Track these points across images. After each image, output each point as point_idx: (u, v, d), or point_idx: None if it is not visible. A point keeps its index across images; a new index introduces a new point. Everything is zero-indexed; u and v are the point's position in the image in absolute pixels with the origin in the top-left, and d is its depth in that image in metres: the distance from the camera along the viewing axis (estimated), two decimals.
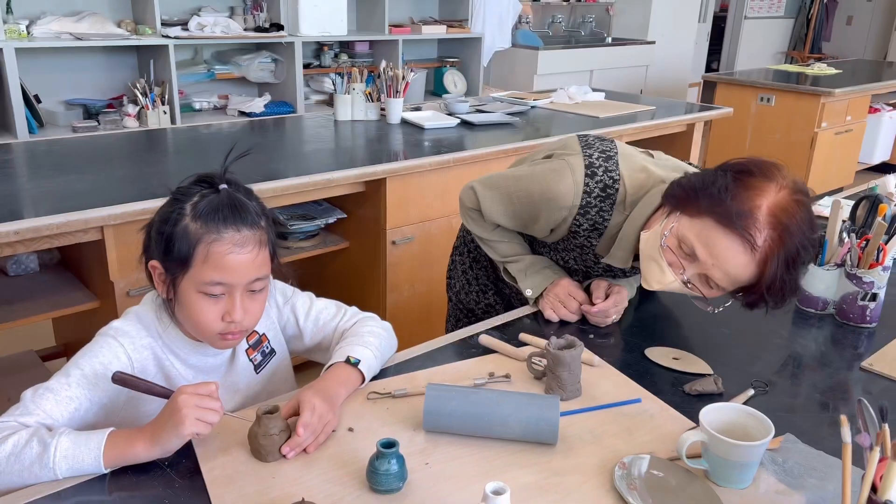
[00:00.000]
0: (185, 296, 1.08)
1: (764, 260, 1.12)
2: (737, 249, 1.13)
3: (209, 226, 1.04)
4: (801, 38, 8.80)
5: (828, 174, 5.04)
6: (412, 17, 5.22)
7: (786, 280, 1.14)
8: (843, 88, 4.75)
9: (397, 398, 1.17)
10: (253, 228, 1.08)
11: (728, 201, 1.12)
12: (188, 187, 1.09)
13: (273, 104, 4.31)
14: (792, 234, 1.12)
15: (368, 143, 2.79)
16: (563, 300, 1.44)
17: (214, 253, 1.04)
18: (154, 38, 3.78)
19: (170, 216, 1.06)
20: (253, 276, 1.08)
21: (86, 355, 1.08)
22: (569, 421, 1.11)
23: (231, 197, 1.08)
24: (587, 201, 1.35)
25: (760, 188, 1.13)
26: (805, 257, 1.15)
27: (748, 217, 1.11)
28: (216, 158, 1.16)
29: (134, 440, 0.98)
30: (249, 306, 1.11)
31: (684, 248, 1.19)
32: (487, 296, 1.71)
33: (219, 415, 0.99)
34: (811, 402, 1.20)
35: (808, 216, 1.15)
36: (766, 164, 1.17)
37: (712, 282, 1.19)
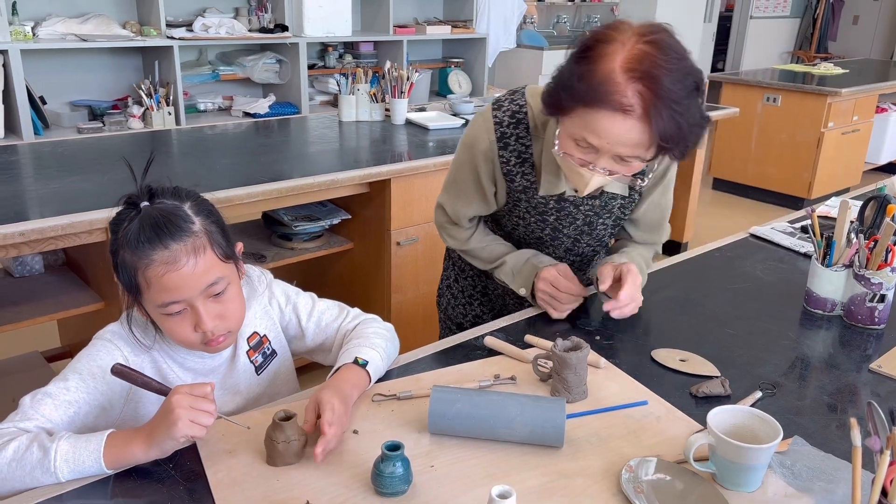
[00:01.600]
0: (155, 317, 1.08)
1: (646, 112, 1.09)
2: (616, 119, 1.11)
3: (137, 252, 1.02)
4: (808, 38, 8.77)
5: (835, 174, 5.02)
6: (416, 17, 5.22)
7: (681, 116, 1.11)
8: (850, 88, 4.73)
9: (402, 400, 1.16)
10: (181, 239, 1.03)
11: (581, 83, 1.11)
12: (119, 213, 1.07)
13: (277, 105, 4.32)
14: (656, 76, 1.08)
15: (373, 144, 2.79)
16: (552, 295, 1.42)
17: (151, 277, 1.02)
18: (159, 39, 3.78)
19: (111, 248, 1.05)
20: (203, 284, 1.05)
21: (83, 359, 1.08)
22: (575, 423, 1.10)
23: (152, 214, 1.04)
24: (501, 132, 1.38)
25: (605, 54, 1.11)
26: (685, 87, 1.12)
27: (606, 85, 1.09)
28: (220, 160, 1.15)
29: (131, 441, 0.97)
30: (219, 310, 1.08)
31: (581, 143, 1.18)
32: (474, 307, 1.67)
33: (212, 417, 0.98)
34: (819, 405, 1.19)
35: (667, 51, 1.11)
36: (604, 31, 1.15)
37: (624, 159, 1.18)
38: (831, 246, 1.47)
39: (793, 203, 4.98)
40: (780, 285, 1.64)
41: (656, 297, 1.56)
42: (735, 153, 5.22)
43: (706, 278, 1.68)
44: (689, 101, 1.12)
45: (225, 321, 1.09)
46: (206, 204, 1.11)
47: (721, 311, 1.50)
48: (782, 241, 1.89)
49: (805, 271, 1.57)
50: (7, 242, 1.70)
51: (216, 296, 1.08)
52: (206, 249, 1.06)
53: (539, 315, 1.47)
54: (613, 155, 1.17)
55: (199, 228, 1.06)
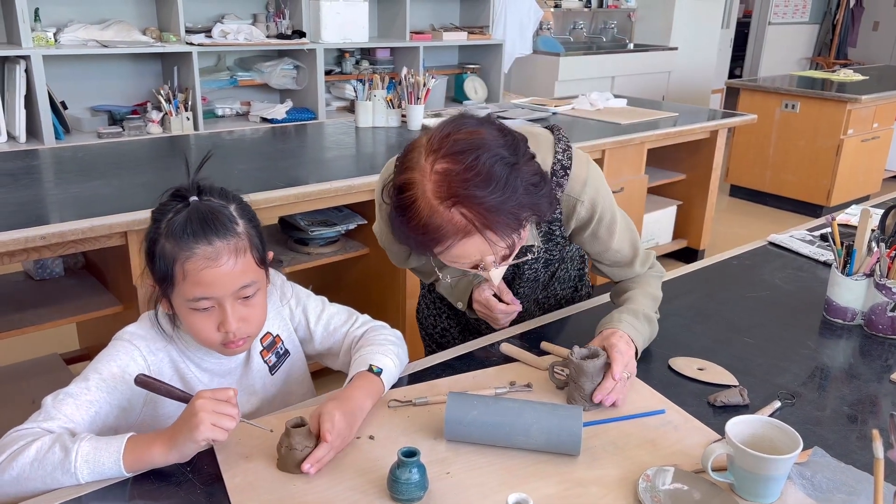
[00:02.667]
0: (180, 311, 1.09)
1: (482, 225, 1.01)
2: (465, 242, 1.03)
3: (181, 243, 1.03)
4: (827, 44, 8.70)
5: (854, 182, 4.97)
6: (433, 23, 5.24)
7: (514, 201, 1.02)
8: (870, 95, 4.68)
9: (418, 406, 1.16)
10: (226, 238, 1.05)
11: (417, 235, 1.04)
12: (164, 204, 1.08)
13: (295, 110, 4.34)
14: (467, 194, 0.99)
15: (389, 150, 2.80)
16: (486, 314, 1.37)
17: (190, 270, 1.03)
18: (178, 45, 3.82)
19: (149, 236, 1.06)
20: (237, 285, 1.07)
21: (103, 360, 1.09)
22: (592, 431, 1.10)
23: (200, 209, 1.05)
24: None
25: (414, 194, 1.02)
26: (499, 176, 1.00)
27: (435, 224, 1.01)
28: (237, 165, 1.16)
29: (151, 444, 0.98)
30: (245, 313, 1.10)
31: (461, 262, 1.10)
32: (442, 319, 1.64)
33: (234, 421, 0.99)
34: (839, 415, 1.17)
35: (463, 156, 1.00)
36: (401, 167, 1.06)
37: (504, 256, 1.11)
38: (852, 254, 1.45)
39: (811, 211, 4.93)
40: (799, 294, 1.63)
41: (674, 306, 1.55)
42: (753, 160, 5.18)
43: (724, 286, 1.67)
44: (510, 184, 1.02)
45: (248, 325, 1.10)
46: (249, 208, 1.13)
47: (739, 320, 1.49)
48: (801, 250, 1.87)
49: (824, 280, 1.56)
50: (28, 246, 1.72)
51: (245, 298, 1.09)
52: (245, 252, 1.08)
53: (556, 322, 1.47)
54: (490, 261, 1.10)
55: (242, 230, 1.08)
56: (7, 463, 0.95)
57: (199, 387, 1.16)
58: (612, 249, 1.35)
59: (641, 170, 3.39)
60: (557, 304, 1.58)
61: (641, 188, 3.45)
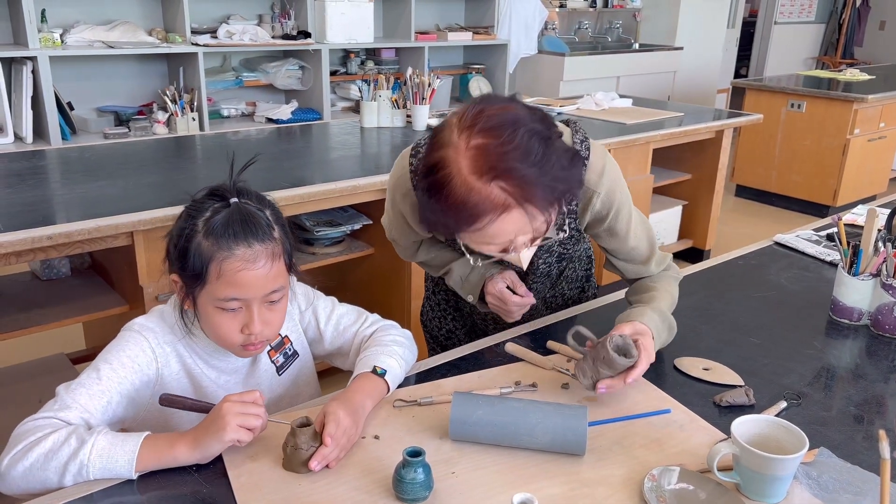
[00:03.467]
0: (204, 309, 1.09)
1: (521, 199, 1.00)
2: (503, 220, 1.01)
3: (220, 243, 1.04)
4: (833, 44, 8.67)
5: (861, 181, 4.95)
6: (438, 23, 5.24)
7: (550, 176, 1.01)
8: (877, 94, 4.67)
9: (423, 406, 1.16)
10: (264, 242, 1.07)
11: (449, 216, 1.02)
12: (201, 201, 1.09)
13: (300, 111, 4.35)
14: (506, 166, 0.98)
15: (394, 150, 2.80)
16: (500, 306, 1.35)
17: (227, 270, 1.04)
18: (184, 45, 3.83)
19: (184, 232, 1.07)
20: (268, 289, 1.08)
21: (112, 350, 1.10)
22: (597, 431, 1.10)
23: (242, 211, 1.07)
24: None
25: (448, 170, 1.00)
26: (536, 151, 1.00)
27: (471, 200, 0.99)
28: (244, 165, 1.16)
29: (175, 443, 0.99)
30: (269, 317, 1.11)
31: (491, 245, 1.09)
32: (447, 321, 1.63)
33: (261, 420, 1.00)
34: (846, 416, 1.17)
35: (499, 130, 0.99)
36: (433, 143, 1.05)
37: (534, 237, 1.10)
38: (858, 254, 1.45)
39: (817, 211, 4.92)
40: (805, 294, 1.62)
41: (679, 306, 1.54)
42: (758, 160, 5.17)
43: (730, 286, 1.66)
44: (547, 157, 1.01)
45: (269, 328, 1.12)
46: (281, 215, 1.14)
47: (745, 320, 1.49)
48: (807, 250, 1.87)
49: (831, 280, 1.55)
50: (35, 246, 1.72)
51: (271, 303, 1.11)
52: (280, 257, 1.09)
53: (561, 322, 1.47)
54: (522, 242, 1.09)
55: (277, 236, 1.10)
56: (23, 453, 0.96)
57: (206, 383, 1.17)
58: (629, 246, 1.34)
59: (647, 170, 3.38)
60: (564, 304, 1.58)
61: (647, 188, 3.44)
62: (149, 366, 1.11)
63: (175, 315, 1.15)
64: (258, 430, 1.00)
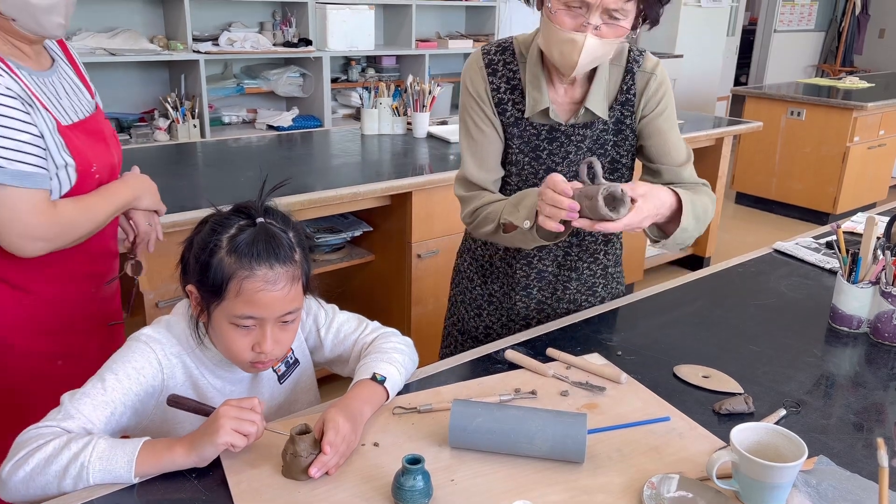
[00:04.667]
0: (218, 323, 1.10)
1: None
2: None
3: (242, 262, 1.05)
4: (832, 52, 8.69)
5: (860, 189, 4.96)
6: (439, 31, 5.26)
7: None
8: (876, 102, 4.68)
9: (423, 413, 1.16)
10: (286, 264, 1.08)
11: None
12: (227, 217, 1.10)
13: (301, 118, 4.36)
14: None
15: (395, 157, 2.81)
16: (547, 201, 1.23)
17: (246, 289, 1.05)
18: (185, 53, 3.84)
19: (207, 245, 1.07)
20: (284, 310, 1.09)
21: (118, 360, 1.10)
22: (596, 438, 1.10)
23: (267, 232, 1.08)
24: (489, 59, 1.44)
25: None
26: None
27: None
28: (244, 172, 1.17)
29: (173, 446, 1.00)
30: (280, 336, 1.12)
31: (573, 4, 1.23)
32: (483, 317, 1.63)
33: (256, 426, 1.01)
34: (845, 423, 1.17)
35: None
36: None
37: (617, 13, 1.24)
38: (857, 262, 1.45)
39: (817, 218, 4.92)
40: (804, 301, 1.62)
41: (679, 313, 1.55)
42: (758, 167, 5.18)
43: (729, 294, 1.67)
44: None
45: (280, 347, 1.12)
46: (303, 236, 1.15)
47: (745, 328, 1.49)
48: (807, 257, 1.87)
49: (830, 288, 1.56)
50: None
51: (284, 323, 1.11)
52: (298, 280, 1.11)
53: (560, 329, 1.47)
54: (602, 9, 1.22)
55: (298, 259, 1.11)
56: (24, 459, 0.96)
57: (211, 392, 1.17)
58: (671, 143, 1.43)
59: None
60: (566, 312, 1.58)
61: None
62: (154, 377, 1.11)
63: (188, 326, 1.15)
64: (253, 436, 1.01)
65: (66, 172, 1.31)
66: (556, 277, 1.55)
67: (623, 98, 1.42)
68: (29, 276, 1.35)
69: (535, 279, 1.55)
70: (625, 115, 1.43)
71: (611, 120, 1.43)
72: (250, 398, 1.03)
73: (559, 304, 1.58)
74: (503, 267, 1.58)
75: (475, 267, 1.63)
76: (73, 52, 1.50)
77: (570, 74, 1.31)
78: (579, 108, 1.40)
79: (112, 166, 1.45)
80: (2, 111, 1.21)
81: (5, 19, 1.26)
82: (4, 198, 1.23)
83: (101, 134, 1.42)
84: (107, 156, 1.42)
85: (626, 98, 1.42)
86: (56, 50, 1.45)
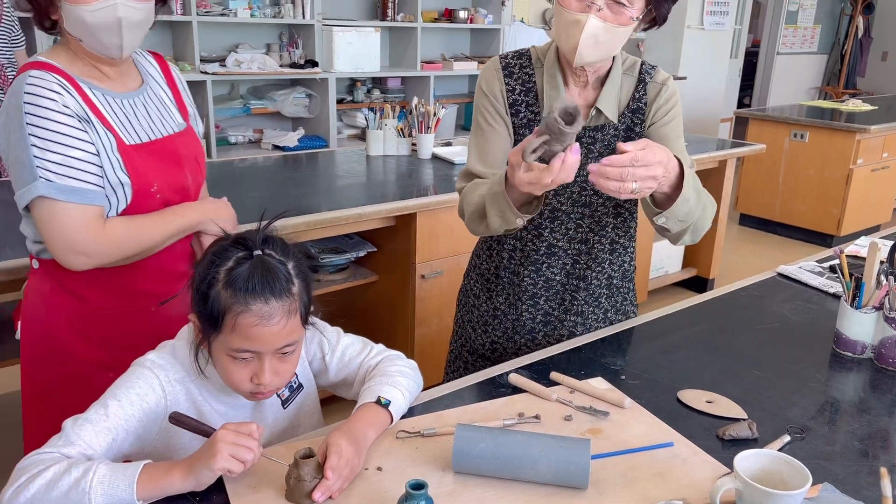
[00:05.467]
0: (217, 354, 1.11)
1: None
2: None
3: (237, 296, 1.05)
4: (835, 74, 8.74)
5: (864, 212, 4.96)
6: (444, 53, 5.30)
7: None
8: (879, 125, 4.70)
9: (426, 437, 1.16)
10: (282, 298, 1.07)
11: None
12: (225, 249, 1.09)
13: (306, 138, 4.39)
14: None
15: (399, 178, 2.82)
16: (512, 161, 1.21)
17: (241, 324, 1.05)
18: (193, 74, 3.89)
19: (206, 277, 1.07)
20: (281, 343, 1.09)
21: (122, 386, 1.11)
22: (600, 464, 1.10)
23: (264, 265, 1.07)
24: (506, 62, 1.49)
25: None
26: None
27: None
28: (250, 193, 1.18)
29: (171, 470, 1.00)
30: (280, 367, 1.12)
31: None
32: (490, 332, 1.63)
33: (253, 453, 1.00)
34: (850, 450, 1.17)
35: None
36: None
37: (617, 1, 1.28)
38: (860, 287, 1.45)
39: (822, 240, 4.92)
40: (808, 326, 1.62)
41: (682, 336, 1.55)
42: (762, 189, 5.19)
43: (733, 318, 1.67)
44: None
45: (279, 378, 1.12)
46: (305, 266, 1.14)
47: (748, 352, 1.49)
48: (810, 281, 1.87)
49: (834, 312, 1.56)
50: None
51: (283, 354, 1.11)
52: (296, 314, 1.10)
53: (564, 352, 1.47)
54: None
55: (296, 291, 1.10)
56: (24, 485, 0.96)
57: (214, 417, 1.17)
58: (677, 149, 1.42)
59: None
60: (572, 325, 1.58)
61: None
62: (157, 403, 1.11)
63: (189, 356, 1.15)
64: (250, 462, 1.00)
65: (122, 191, 1.32)
66: (564, 287, 1.56)
67: (634, 105, 1.46)
68: (85, 286, 1.37)
69: (542, 288, 1.55)
70: (635, 123, 1.46)
71: (621, 126, 1.46)
72: (248, 423, 1.02)
73: (566, 315, 1.57)
74: (509, 277, 1.58)
75: (480, 283, 1.64)
76: (174, 73, 1.52)
77: (573, 59, 1.34)
78: (591, 111, 1.44)
79: (183, 188, 1.44)
80: (56, 128, 1.24)
81: (76, 40, 1.30)
82: (53, 211, 1.26)
83: (174, 155, 1.42)
84: (176, 177, 1.42)
85: (638, 106, 1.46)
86: (152, 70, 1.48)
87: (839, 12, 8.66)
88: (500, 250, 1.57)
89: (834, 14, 8.63)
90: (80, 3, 1.25)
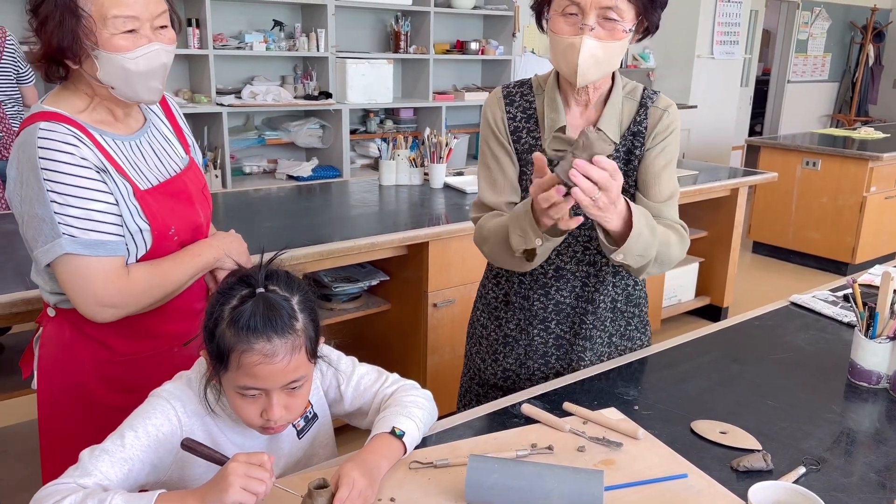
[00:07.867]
0: (226, 390, 1.12)
1: None
2: None
3: (240, 336, 1.06)
4: (847, 102, 8.75)
5: (879, 240, 4.94)
6: (455, 84, 5.37)
7: None
8: (893, 153, 4.69)
9: (439, 468, 1.16)
10: (285, 336, 1.07)
11: None
12: (230, 288, 1.10)
13: (320, 168, 4.44)
14: None
15: (412, 208, 2.85)
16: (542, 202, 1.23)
17: (245, 363, 1.06)
18: (209, 106, 3.95)
19: (212, 315, 1.09)
20: (287, 380, 1.10)
21: (139, 417, 1.12)
22: (613, 496, 1.09)
23: (266, 303, 1.07)
24: (507, 91, 1.53)
25: None
26: None
27: None
28: (264, 223, 1.19)
29: (186, 499, 1.00)
30: (289, 402, 1.12)
31: (568, 11, 1.31)
32: (501, 360, 1.62)
33: (265, 485, 1.00)
34: (866, 482, 1.16)
35: None
36: None
37: (611, 13, 1.30)
38: (874, 317, 1.45)
39: (836, 267, 4.89)
40: (822, 356, 1.61)
41: (696, 366, 1.55)
42: (775, 217, 5.18)
43: (747, 348, 1.66)
44: None
45: (290, 412, 1.13)
46: (310, 300, 1.14)
47: (762, 382, 1.48)
48: (824, 311, 1.86)
49: (848, 341, 1.55)
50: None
51: (293, 390, 1.12)
52: (301, 350, 1.10)
53: (578, 382, 1.47)
54: (597, 8, 1.29)
55: (300, 327, 1.10)
56: None
57: (229, 447, 1.18)
58: (662, 179, 1.47)
59: None
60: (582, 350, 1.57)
61: None
62: (173, 433, 1.12)
63: (199, 391, 1.16)
64: (262, 494, 1.00)
65: (141, 237, 1.32)
66: (574, 310, 1.56)
67: (635, 129, 1.47)
68: (108, 333, 1.36)
69: (553, 311, 1.56)
70: (635, 146, 1.48)
71: (622, 149, 1.48)
72: (259, 454, 1.02)
73: (576, 339, 1.57)
74: (519, 301, 1.58)
75: (487, 312, 1.64)
76: (172, 106, 1.51)
77: (575, 81, 1.36)
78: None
79: (196, 226, 1.43)
80: (77, 182, 1.23)
81: (104, 87, 1.28)
82: (78, 266, 1.25)
83: (184, 194, 1.42)
84: (190, 216, 1.41)
85: (638, 129, 1.47)
86: (152, 106, 1.46)
87: (849, 41, 8.70)
88: (509, 276, 1.58)
89: (844, 42, 8.67)
90: (119, 52, 1.23)
